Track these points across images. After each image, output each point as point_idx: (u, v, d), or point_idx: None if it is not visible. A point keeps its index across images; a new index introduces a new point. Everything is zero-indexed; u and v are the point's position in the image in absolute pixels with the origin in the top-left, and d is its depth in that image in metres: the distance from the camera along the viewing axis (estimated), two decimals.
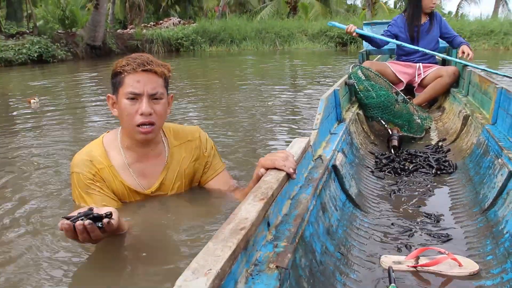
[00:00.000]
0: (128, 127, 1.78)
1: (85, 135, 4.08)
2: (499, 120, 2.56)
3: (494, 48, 16.76)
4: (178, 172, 1.99)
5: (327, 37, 19.69)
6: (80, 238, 1.40)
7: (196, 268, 0.84)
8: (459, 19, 21.37)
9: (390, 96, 3.29)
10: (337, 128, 2.55)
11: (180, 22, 22.39)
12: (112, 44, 17.50)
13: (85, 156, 1.85)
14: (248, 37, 20.11)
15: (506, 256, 1.48)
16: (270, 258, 1.08)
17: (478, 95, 3.26)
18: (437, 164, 2.60)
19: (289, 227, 1.26)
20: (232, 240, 0.95)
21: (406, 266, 1.52)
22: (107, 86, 7.33)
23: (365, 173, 2.46)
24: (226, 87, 7.87)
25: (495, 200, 1.86)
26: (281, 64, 12.91)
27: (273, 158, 1.40)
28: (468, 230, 1.81)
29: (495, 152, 2.19)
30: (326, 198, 1.72)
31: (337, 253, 1.52)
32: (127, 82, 1.71)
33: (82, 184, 1.81)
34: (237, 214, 1.08)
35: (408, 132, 3.23)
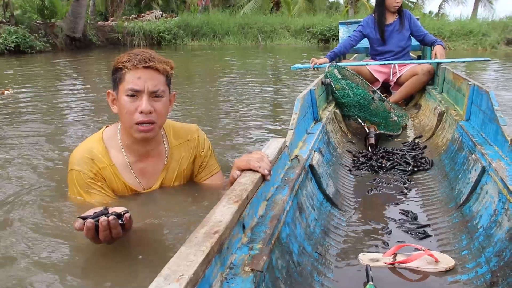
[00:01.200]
0: (127, 125, 1.74)
1: (62, 128, 4.00)
2: (473, 116, 2.59)
3: (473, 49, 16.97)
4: (177, 172, 1.98)
5: (310, 34, 19.80)
6: (101, 236, 1.39)
7: (168, 274, 0.83)
8: (439, 18, 21.60)
9: (366, 95, 3.31)
10: (314, 127, 2.55)
11: (162, 16, 22.23)
12: (92, 36, 17.26)
13: (86, 153, 1.81)
14: (230, 32, 20.13)
15: (480, 250, 1.50)
16: (245, 261, 1.08)
17: (452, 92, 3.30)
18: (414, 161, 2.62)
19: (265, 228, 1.25)
20: (206, 244, 0.94)
21: (384, 263, 1.53)
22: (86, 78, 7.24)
23: (342, 172, 2.47)
24: (207, 82, 7.84)
25: (469, 196, 1.88)
26: (263, 60, 12.91)
27: (247, 159, 1.39)
28: (444, 226, 1.83)
29: (469, 148, 2.22)
30: (303, 198, 1.72)
31: (315, 253, 1.52)
32: (127, 79, 1.67)
33: (82, 182, 1.79)
34: (211, 217, 1.07)
35: (385, 130, 3.25)
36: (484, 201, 1.73)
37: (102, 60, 12.30)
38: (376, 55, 4.47)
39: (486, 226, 1.59)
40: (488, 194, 1.74)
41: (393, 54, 4.44)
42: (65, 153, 2.93)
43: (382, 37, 4.42)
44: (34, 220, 1.83)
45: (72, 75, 8.94)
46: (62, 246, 1.64)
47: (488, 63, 10.11)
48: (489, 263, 1.41)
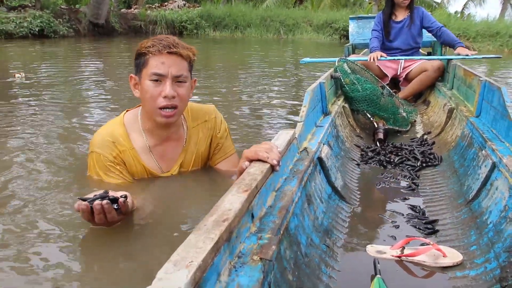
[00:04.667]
0: (150, 109, 1.76)
1: (83, 112, 4.04)
2: (483, 113, 2.57)
3: (498, 50, 16.77)
4: (196, 154, 2.01)
5: (332, 29, 19.71)
6: (96, 219, 1.43)
7: (177, 260, 0.83)
8: (465, 19, 21.41)
9: (375, 90, 3.29)
10: (323, 120, 2.54)
11: (185, 5, 22.22)
12: (115, 23, 17.34)
13: (107, 136, 1.84)
14: (252, 24, 20.11)
15: (490, 246, 1.49)
16: (254, 250, 1.07)
17: (462, 88, 3.28)
18: (422, 157, 2.61)
19: (274, 219, 1.25)
20: (215, 232, 0.94)
21: (391, 256, 1.52)
22: (107, 64, 7.28)
23: (351, 166, 2.46)
24: (226, 72, 7.88)
25: (479, 192, 1.87)
26: (283, 53, 12.89)
27: (256, 150, 1.39)
28: (453, 221, 1.81)
29: (479, 144, 2.21)
30: (312, 190, 1.72)
31: (323, 245, 1.52)
32: (151, 63, 1.69)
33: (102, 164, 1.82)
34: (220, 206, 1.06)
35: (394, 125, 3.24)
36: (494, 197, 1.72)
37: (123, 47, 12.40)
38: (384, 51, 4.45)
39: (496, 222, 1.58)
40: (498, 190, 1.72)
41: (400, 51, 4.42)
42: (87, 135, 2.99)
43: (387, 35, 4.41)
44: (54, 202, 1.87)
45: (94, 61, 9.02)
46: (78, 230, 1.66)
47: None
48: (498, 258, 1.39)
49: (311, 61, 4.18)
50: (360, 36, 5.91)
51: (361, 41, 5.79)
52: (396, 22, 4.39)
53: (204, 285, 0.85)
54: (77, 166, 2.31)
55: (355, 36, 5.95)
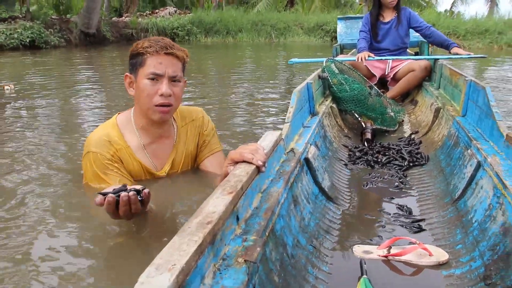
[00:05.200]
0: (145, 107, 1.83)
1: (76, 119, 4.03)
2: (469, 112, 2.59)
3: (488, 47, 16.97)
4: (186, 152, 2.08)
5: (323, 31, 19.80)
6: (121, 211, 1.44)
7: (160, 263, 0.82)
8: (454, 17, 21.55)
9: (363, 90, 3.30)
10: (310, 121, 2.55)
11: (176, 12, 22.23)
12: (106, 32, 17.33)
13: (103, 136, 1.88)
14: (244, 29, 20.16)
15: (475, 244, 1.50)
16: (238, 252, 1.07)
17: (449, 88, 3.30)
18: (410, 156, 2.62)
19: (259, 220, 1.25)
20: (199, 234, 0.93)
21: (378, 256, 1.53)
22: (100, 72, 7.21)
23: (338, 166, 2.46)
24: (218, 77, 7.87)
25: (464, 191, 1.88)
26: (275, 56, 12.88)
27: (242, 151, 1.39)
28: (439, 220, 1.83)
29: (465, 143, 2.22)
30: (298, 191, 1.72)
31: (309, 246, 1.52)
32: (149, 63, 1.76)
33: (100, 163, 1.84)
34: (204, 208, 1.06)
35: (382, 125, 3.25)
36: (479, 196, 1.73)
37: (116, 56, 12.30)
38: (372, 51, 4.46)
39: (481, 220, 1.59)
40: (483, 189, 1.74)
41: (388, 52, 4.44)
42: (80, 142, 3.01)
43: (374, 35, 4.43)
44: (49, 207, 1.89)
45: (86, 70, 8.95)
46: (77, 232, 1.68)
47: (505, 61, 10.14)
48: (482, 257, 1.41)
49: (299, 62, 4.19)
50: (348, 36, 5.93)
51: (349, 41, 5.82)
52: (383, 23, 4.41)
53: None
54: (72, 175, 2.30)
55: (343, 36, 5.97)
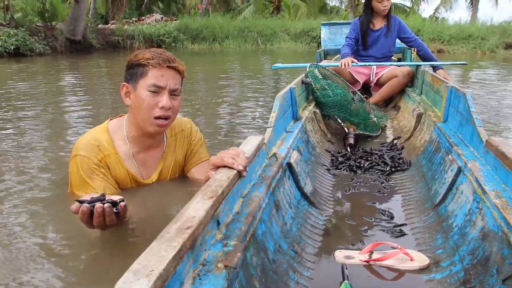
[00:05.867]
0: (143, 118, 1.81)
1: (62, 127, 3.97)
2: (450, 118, 2.62)
3: (472, 52, 17.26)
4: (174, 162, 2.07)
5: (310, 37, 19.88)
6: (95, 222, 1.42)
7: (137, 269, 0.81)
8: (439, 23, 21.83)
9: (346, 95, 3.32)
10: (293, 126, 2.55)
11: (163, 19, 22.13)
12: (92, 39, 17.13)
13: (92, 140, 1.86)
14: (230, 35, 20.12)
15: (455, 249, 1.51)
16: (219, 257, 1.06)
17: (430, 94, 3.33)
18: (392, 162, 2.64)
19: (240, 225, 1.24)
20: (177, 240, 0.92)
21: (359, 261, 1.53)
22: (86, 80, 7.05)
23: (321, 171, 2.46)
24: (205, 84, 7.84)
25: (445, 196, 1.90)
26: (261, 63, 12.89)
27: (223, 156, 1.38)
28: (420, 225, 1.84)
29: (446, 148, 2.24)
30: (280, 196, 1.71)
31: (291, 251, 1.51)
32: (150, 75, 1.76)
33: (86, 167, 1.81)
34: (184, 213, 1.05)
35: (364, 130, 3.27)
36: (459, 201, 1.75)
37: (102, 63, 12.17)
38: (358, 58, 4.48)
39: (461, 225, 1.60)
40: (463, 194, 1.75)
41: (374, 59, 4.47)
42: (66, 148, 2.98)
43: (364, 43, 4.45)
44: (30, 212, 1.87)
45: (72, 77, 8.82)
46: (59, 237, 1.66)
47: (488, 66, 10.30)
48: (462, 261, 1.41)
49: (282, 67, 4.20)
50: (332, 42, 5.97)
51: (333, 47, 5.84)
52: (373, 30, 4.43)
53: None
54: (56, 181, 2.29)
55: (327, 42, 6.00)
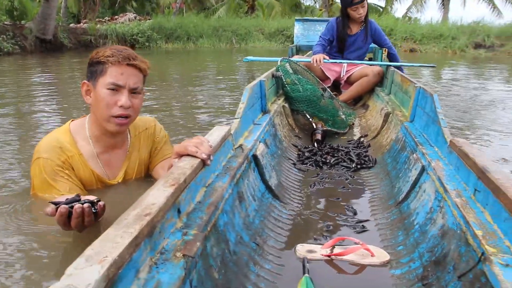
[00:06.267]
0: (103, 117, 1.76)
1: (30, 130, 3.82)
2: (417, 118, 2.65)
3: (443, 52, 17.66)
4: (139, 161, 2.03)
5: (284, 36, 19.91)
6: (73, 223, 1.38)
7: (90, 255, 0.78)
8: (412, 23, 22.15)
9: (316, 91, 3.32)
10: (261, 119, 2.53)
11: (136, 18, 21.71)
12: (64, 39, 16.56)
13: (54, 142, 1.80)
14: (205, 34, 19.91)
15: (415, 246, 1.53)
16: (177, 246, 1.03)
17: (399, 94, 3.37)
18: (358, 159, 2.66)
19: (202, 215, 1.21)
20: (135, 226, 0.89)
21: (321, 255, 1.53)
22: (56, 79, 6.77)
23: (287, 165, 2.46)
24: (179, 83, 7.71)
25: (408, 194, 1.92)
26: (235, 61, 12.80)
27: (186, 144, 1.35)
28: (383, 222, 1.85)
29: (411, 148, 2.27)
30: (244, 187, 1.69)
31: (253, 243, 1.50)
32: (110, 73, 1.70)
33: (50, 170, 1.75)
34: (144, 200, 1.02)
35: (332, 127, 3.28)
36: (421, 199, 1.77)
37: (74, 62, 11.82)
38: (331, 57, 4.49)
39: (422, 223, 1.62)
40: (425, 192, 1.77)
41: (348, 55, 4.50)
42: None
43: (340, 48, 4.46)
44: None
45: (42, 76, 8.49)
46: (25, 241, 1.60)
47: (459, 65, 10.53)
48: (421, 258, 1.43)
49: (254, 60, 4.18)
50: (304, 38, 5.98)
51: (305, 43, 5.86)
52: (349, 35, 4.45)
53: (119, 281, 0.80)
54: (24, 183, 2.22)
55: (300, 38, 6.01)
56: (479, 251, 1.12)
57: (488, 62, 13.21)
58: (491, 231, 1.19)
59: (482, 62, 13.30)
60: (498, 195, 1.23)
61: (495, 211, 1.24)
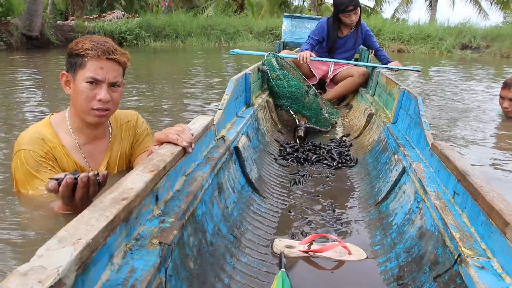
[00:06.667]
0: (82, 109, 1.75)
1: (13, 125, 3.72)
2: (400, 120, 2.66)
3: (430, 52, 17.82)
4: (120, 152, 2.02)
5: (273, 35, 19.85)
6: (78, 193, 1.37)
7: (64, 236, 0.75)
8: (399, 23, 22.31)
9: (301, 88, 3.32)
10: (245, 111, 2.51)
11: (124, 16, 21.44)
12: (51, 36, 16.12)
13: (35, 134, 1.78)
14: (193, 33, 19.72)
15: (392, 246, 1.53)
16: (154, 233, 1.01)
17: (383, 95, 3.38)
18: (339, 157, 2.66)
19: (180, 203, 1.19)
20: (111, 210, 0.87)
21: (298, 251, 1.52)
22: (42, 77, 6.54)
23: (268, 160, 2.45)
24: (167, 81, 7.61)
25: (388, 194, 1.92)
26: (224, 59, 12.72)
27: (167, 132, 1.33)
28: (362, 220, 1.85)
29: (393, 149, 2.27)
30: (224, 178, 1.68)
31: (230, 235, 1.48)
32: (89, 67, 1.68)
33: (33, 161, 1.72)
34: (122, 184, 0.99)
35: (315, 124, 3.28)
36: (401, 200, 1.77)
37: (61, 59, 11.51)
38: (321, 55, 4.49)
39: (400, 223, 1.62)
40: (405, 193, 1.78)
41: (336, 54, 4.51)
42: None
43: (330, 49, 4.47)
44: None
45: (28, 73, 8.23)
46: None
47: (445, 64, 10.65)
48: (398, 258, 1.43)
49: (240, 53, 4.16)
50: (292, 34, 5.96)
51: (293, 40, 5.84)
52: (340, 37, 4.45)
53: (92, 265, 0.78)
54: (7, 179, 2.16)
55: (288, 34, 5.99)
56: (456, 253, 1.12)
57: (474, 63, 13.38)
58: (468, 234, 1.19)
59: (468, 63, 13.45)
60: (476, 199, 1.24)
61: (473, 214, 1.25)
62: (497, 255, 1.06)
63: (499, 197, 1.17)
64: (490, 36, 18.44)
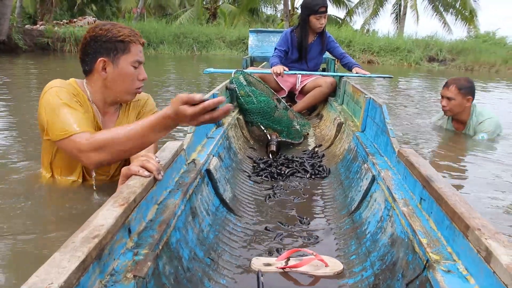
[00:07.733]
0: (127, 90, 1.95)
1: None
2: (368, 128, 2.72)
3: (399, 64, 18.23)
4: None
5: (245, 45, 19.90)
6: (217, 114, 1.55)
7: (35, 282, 0.76)
8: (369, 35, 22.67)
9: (270, 102, 3.36)
10: (215, 132, 2.53)
11: (95, 22, 21.18)
12: (18, 40, 15.76)
13: (65, 81, 1.91)
14: (165, 41, 19.67)
15: (367, 255, 1.56)
16: (128, 267, 1.02)
17: (351, 104, 3.45)
18: (312, 169, 2.70)
19: (153, 233, 1.20)
20: (82, 250, 0.88)
21: (276, 268, 1.54)
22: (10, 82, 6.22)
23: (241, 178, 2.47)
24: None
25: (360, 203, 1.96)
26: (197, 69, 12.70)
27: (130, 166, 1.35)
28: (336, 231, 1.88)
29: (363, 157, 2.32)
30: (197, 202, 1.69)
31: (207, 258, 1.50)
32: (133, 51, 1.91)
33: (66, 95, 1.82)
34: (92, 221, 1.00)
35: (287, 137, 3.32)
36: (372, 208, 1.81)
37: (30, 65, 11.31)
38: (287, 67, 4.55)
39: (373, 232, 1.66)
40: (376, 201, 1.82)
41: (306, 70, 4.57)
42: None
43: (301, 57, 4.52)
44: None
45: None
46: None
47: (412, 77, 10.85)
48: (373, 266, 1.46)
49: (214, 72, 4.18)
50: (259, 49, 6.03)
51: (259, 54, 5.91)
52: (307, 44, 4.52)
53: None
54: None
55: (254, 49, 6.06)
56: (424, 258, 1.16)
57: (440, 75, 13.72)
58: (435, 239, 1.23)
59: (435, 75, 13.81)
60: (440, 204, 1.28)
61: (438, 219, 1.29)
62: (462, 257, 1.10)
63: (461, 201, 1.22)
64: (456, 50, 19.11)
